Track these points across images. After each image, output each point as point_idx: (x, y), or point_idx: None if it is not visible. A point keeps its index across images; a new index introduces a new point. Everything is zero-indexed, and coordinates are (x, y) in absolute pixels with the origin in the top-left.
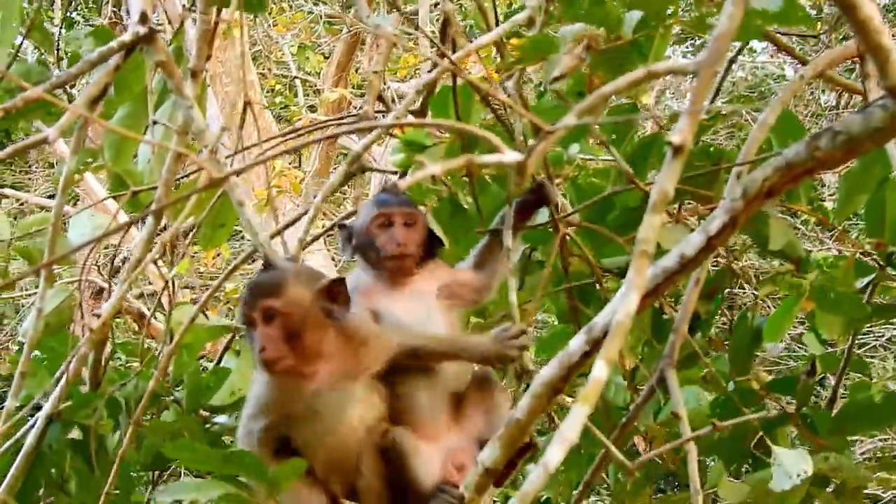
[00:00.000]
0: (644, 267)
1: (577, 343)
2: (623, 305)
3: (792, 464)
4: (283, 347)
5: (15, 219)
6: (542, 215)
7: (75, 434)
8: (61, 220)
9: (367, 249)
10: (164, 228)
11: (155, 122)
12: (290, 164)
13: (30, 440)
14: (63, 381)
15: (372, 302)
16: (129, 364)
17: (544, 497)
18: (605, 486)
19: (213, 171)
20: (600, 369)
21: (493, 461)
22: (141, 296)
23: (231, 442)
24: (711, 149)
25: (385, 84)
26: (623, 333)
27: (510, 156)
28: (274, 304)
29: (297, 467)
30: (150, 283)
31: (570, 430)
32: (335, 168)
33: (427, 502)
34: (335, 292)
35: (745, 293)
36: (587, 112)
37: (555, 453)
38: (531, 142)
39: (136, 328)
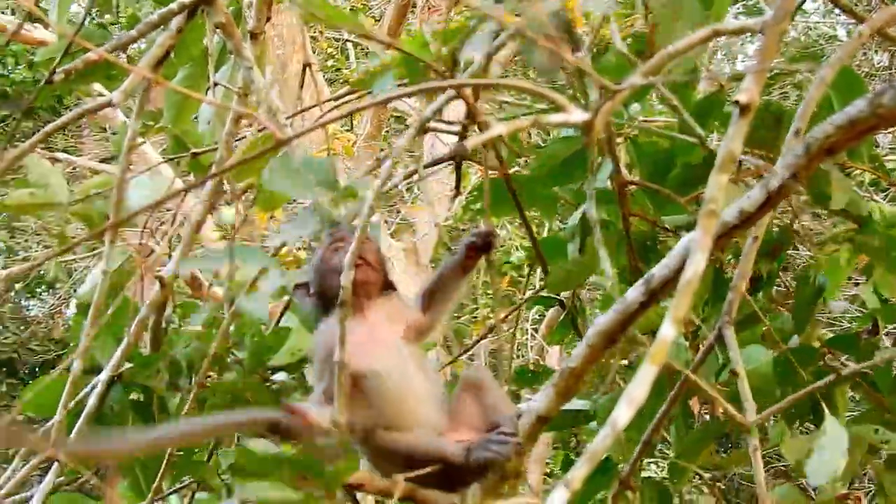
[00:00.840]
0: (711, 227)
1: (634, 293)
2: (690, 265)
3: (831, 455)
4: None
5: (67, 183)
6: (605, 173)
7: (136, 396)
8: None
9: (325, 285)
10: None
11: (216, 84)
12: (342, 127)
13: (91, 402)
14: (124, 343)
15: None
16: (184, 323)
17: (604, 456)
18: (666, 443)
19: (278, 132)
20: (668, 328)
21: (547, 409)
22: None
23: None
24: (772, 106)
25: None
26: (691, 292)
27: (577, 115)
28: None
29: (353, 464)
30: (202, 247)
31: (637, 390)
32: (387, 131)
33: (466, 466)
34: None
35: (800, 255)
36: (652, 72)
37: (623, 413)
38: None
39: (190, 291)
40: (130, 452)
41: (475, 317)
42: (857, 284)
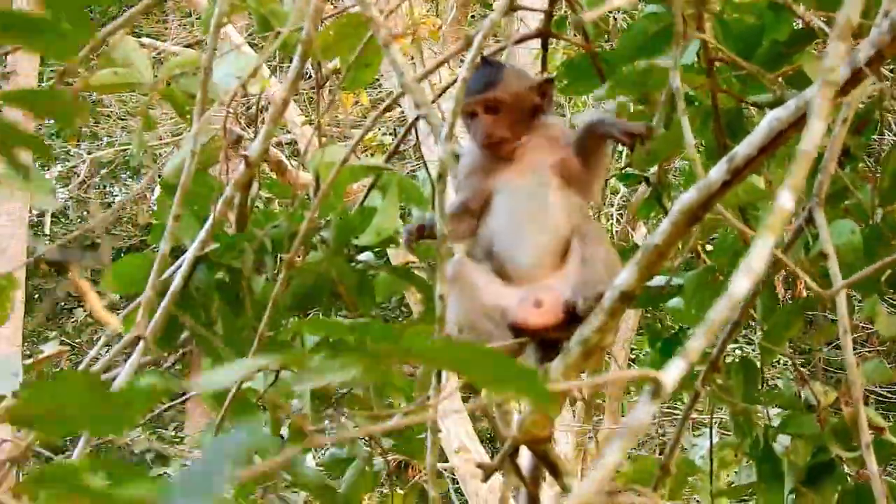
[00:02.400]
0: (828, 94)
1: (717, 171)
2: (808, 134)
3: None
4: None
5: (154, 68)
6: (692, 49)
7: (222, 277)
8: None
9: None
10: (308, 75)
11: None
12: (427, 11)
13: (177, 282)
14: (209, 223)
15: (487, 177)
16: (270, 203)
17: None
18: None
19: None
20: (786, 198)
21: (629, 285)
22: (279, 144)
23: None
24: None
25: None
26: (809, 161)
27: None
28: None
29: (425, 331)
30: (288, 132)
31: (756, 260)
32: (473, 16)
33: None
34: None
35: (886, 137)
36: None
37: (742, 283)
38: None
39: (275, 176)
40: None
41: None
42: None
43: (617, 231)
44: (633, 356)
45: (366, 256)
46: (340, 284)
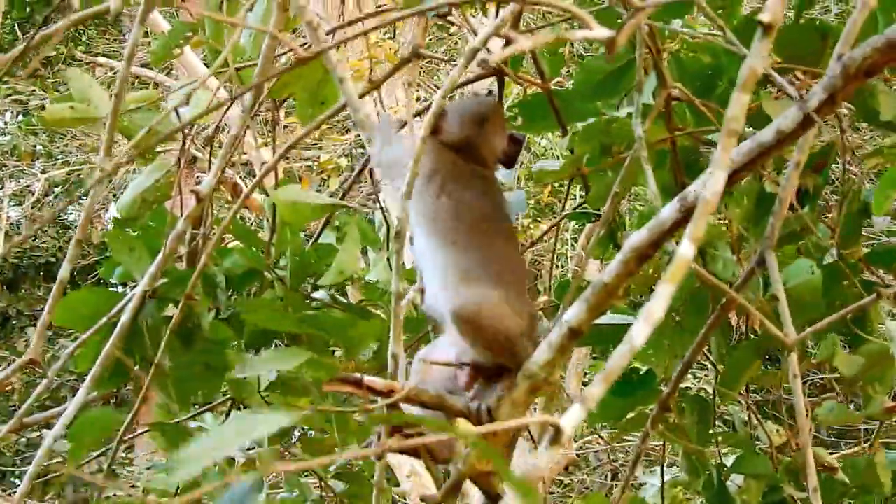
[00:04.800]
0: (731, 145)
1: (669, 210)
2: (710, 183)
3: None
4: None
5: (108, 87)
6: (649, 88)
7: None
8: (159, 96)
9: None
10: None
11: None
12: (384, 34)
13: (125, 317)
14: (159, 257)
15: None
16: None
17: (646, 370)
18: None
19: (313, 46)
20: (686, 248)
21: (579, 322)
22: (233, 165)
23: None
24: (818, 23)
25: None
26: (709, 211)
27: (600, 31)
28: None
29: (375, 326)
30: (244, 153)
31: (656, 308)
32: (430, 39)
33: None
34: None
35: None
36: None
37: (640, 330)
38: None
39: (231, 198)
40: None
41: (516, 227)
42: None
43: (571, 262)
44: (585, 380)
45: (321, 295)
46: (296, 322)
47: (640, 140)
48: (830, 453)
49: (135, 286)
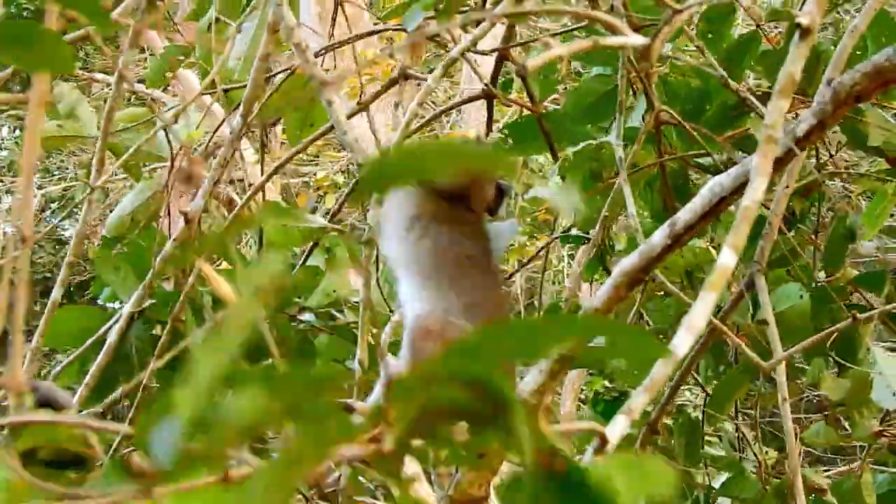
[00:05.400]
0: (772, 152)
1: (659, 236)
2: (750, 191)
3: (894, 379)
4: None
5: (104, 102)
6: (638, 112)
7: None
8: (153, 113)
9: None
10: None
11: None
12: (381, 50)
13: (112, 338)
14: (147, 278)
15: None
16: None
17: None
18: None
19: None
20: (728, 256)
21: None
22: (231, 182)
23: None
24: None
25: None
26: (750, 219)
27: (635, 38)
28: None
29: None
30: (239, 169)
31: (698, 317)
32: (427, 56)
33: None
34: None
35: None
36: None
37: (684, 340)
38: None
39: (226, 214)
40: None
41: (512, 244)
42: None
43: (567, 279)
44: (582, 396)
45: (308, 317)
46: (281, 345)
47: (621, 161)
48: (825, 471)
49: (122, 306)
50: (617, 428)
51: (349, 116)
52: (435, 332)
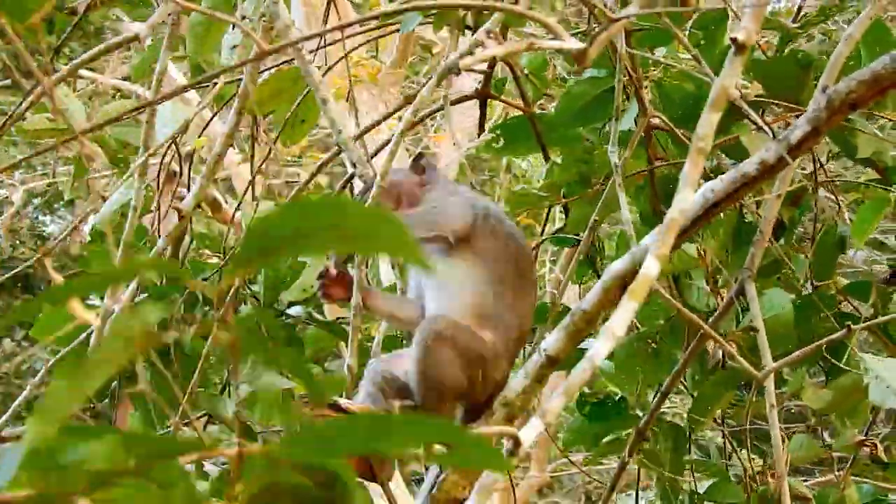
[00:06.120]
0: (700, 162)
1: (650, 240)
2: (677, 202)
3: (892, 378)
4: None
5: (90, 99)
6: (630, 115)
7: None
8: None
9: None
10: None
11: (244, 18)
12: (366, 53)
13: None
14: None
15: None
16: (203, 253)
17: (619, 396)
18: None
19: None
20: (651, 265)
21: (556, 350)
22: (214, 181)
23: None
24: (800, 55)
25: None
26: (676, 229)
27: (571, 42)
28: None
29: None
30: (225, 168)
31: (618, 325)
32: (413, 59)
33: None
34: None
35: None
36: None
37: (601, 348)
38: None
39: (210, 213)
40: None
41: None
42: (884, 233)
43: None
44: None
45: (296, 311)
46: (269, 340)
47: (616, 167)
48: (804, 480)
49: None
50: (531, 431)
51: (361, 134)
52: (448, 337)
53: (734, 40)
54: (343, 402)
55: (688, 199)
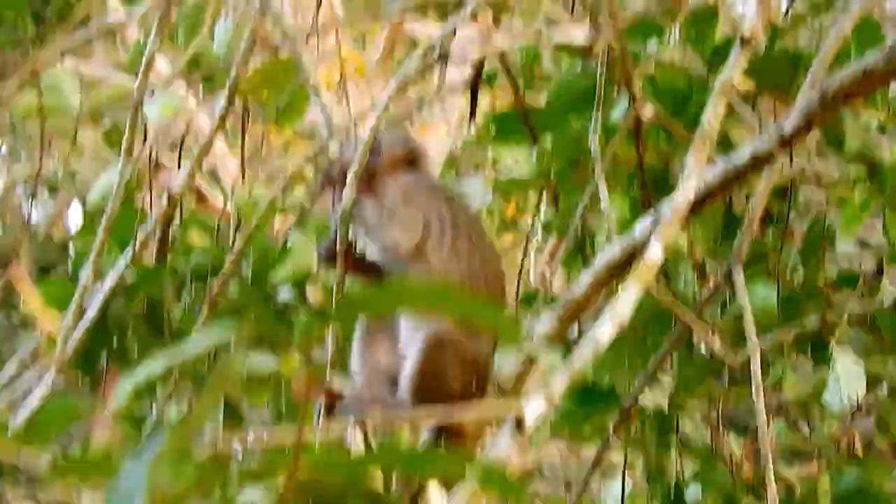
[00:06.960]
0: (705, 149)
1: (642, 228)
2: (682, 189)
3: (847, 383)
4: None
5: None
6: (620, 108)
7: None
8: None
9: None
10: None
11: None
12: (353, 48)
13: (93, 310)
14: (128, 253)
15: None
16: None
17: (607, 383)
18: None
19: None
20: (656, 251)
21: (549, 335)
22: (199, 170)
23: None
24: (788, 50)
25: None
26: (680, 217)
27: (577, 33)
28: None
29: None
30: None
31: (623, 308)
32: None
33: None
34: None
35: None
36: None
37: (606, 329)
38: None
39: (195, 202)
40: None
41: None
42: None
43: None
44: None
45: (285, 293)
46: (258, 319)
47: (596, 155)
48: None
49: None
50: (533, 409)
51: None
52: (448, 344)
53: (742, 37)
54: (336, 386)
55: (693, 186)
